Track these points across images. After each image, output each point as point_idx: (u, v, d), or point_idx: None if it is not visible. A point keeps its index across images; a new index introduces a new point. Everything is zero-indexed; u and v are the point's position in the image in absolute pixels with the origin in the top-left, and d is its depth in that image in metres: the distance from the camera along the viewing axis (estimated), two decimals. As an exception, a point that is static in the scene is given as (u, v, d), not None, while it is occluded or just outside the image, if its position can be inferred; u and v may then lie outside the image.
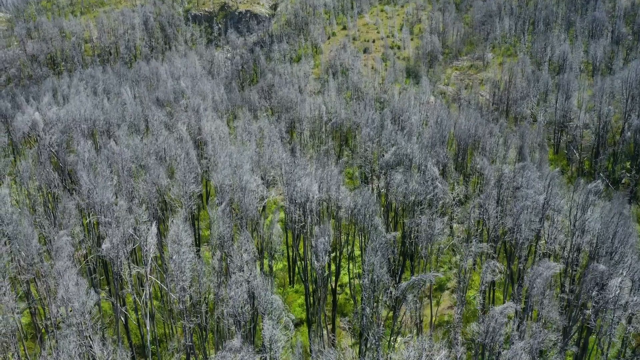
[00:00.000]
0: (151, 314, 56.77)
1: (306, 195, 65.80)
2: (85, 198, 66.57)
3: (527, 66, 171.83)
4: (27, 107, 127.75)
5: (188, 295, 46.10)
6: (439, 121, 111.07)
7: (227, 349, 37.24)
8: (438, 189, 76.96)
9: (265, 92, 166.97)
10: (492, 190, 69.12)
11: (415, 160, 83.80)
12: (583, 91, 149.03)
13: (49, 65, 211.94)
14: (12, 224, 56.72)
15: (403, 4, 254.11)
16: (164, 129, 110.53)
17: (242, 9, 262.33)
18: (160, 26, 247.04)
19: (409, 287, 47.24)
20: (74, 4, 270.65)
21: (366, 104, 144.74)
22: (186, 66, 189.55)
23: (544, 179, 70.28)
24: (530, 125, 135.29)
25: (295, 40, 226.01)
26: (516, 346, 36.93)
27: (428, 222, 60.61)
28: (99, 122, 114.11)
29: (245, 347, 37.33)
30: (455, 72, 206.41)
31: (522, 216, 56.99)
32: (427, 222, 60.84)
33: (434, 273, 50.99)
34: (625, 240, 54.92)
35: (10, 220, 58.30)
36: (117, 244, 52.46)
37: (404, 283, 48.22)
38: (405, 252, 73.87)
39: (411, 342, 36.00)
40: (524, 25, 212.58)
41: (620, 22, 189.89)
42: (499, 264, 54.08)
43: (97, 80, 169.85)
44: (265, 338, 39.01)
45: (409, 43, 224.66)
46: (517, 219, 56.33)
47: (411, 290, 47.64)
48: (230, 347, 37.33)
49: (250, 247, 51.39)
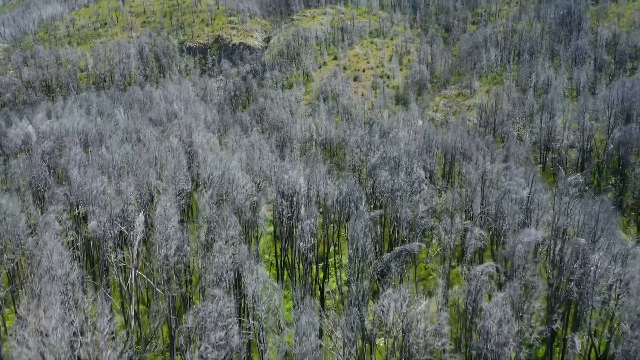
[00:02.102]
0: (137, 298, 56.81)
1: (293, 188, 66.92)
2: (74, 191, 67.23)
3: (512, 91, 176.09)
4: (20, 123, 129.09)
5: (172, 262, 46.48)
6: (426, 135, 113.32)
7: (210, 296, 37.59)
8: (424, 191, 78.32)
9: (257, 114, 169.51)
10: (476, 185, 70.59)
11: (402, 164, 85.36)
12: (568, 113, 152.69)
13: (44, 91, 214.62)
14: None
15: (392, 37, 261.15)
16: (156, 141, 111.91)
17: (235, 41, 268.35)
18: (155, 56, 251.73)
19: (392, 257, 48.06)
20: (71, 35, 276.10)
21: (355, 124, 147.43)
22: (180, 91, 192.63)
23: (527, 175, 71.98)
24: (516, 144, 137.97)
25: (287, 68, 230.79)
26: (497, 297, 37.58)
27: (411, 206, 61.68)
28: (91, 134, 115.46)
29: (227, 296, 37.67)
30: (444, 100, 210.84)
31: (505, 203, 58.27)
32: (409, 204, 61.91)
33: (418, 243, 51.85)
34: (607, 221, 56.21)
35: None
36: (104, 223, 53.00)
37: (388, 254, 49.07)
38: (391, 241, 74.19)
39: (392, 294, 36.61)
40: (509, 55, 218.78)
41: (602, 50, 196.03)
42: (483, 231, 55.18)
43: (91, 102, 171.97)
44: (247, 290, 39.46)
45: (398, 73, 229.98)
46: (499, 204, 57.58)
47: (395, 260, 48.45)
48: (212, 294, 37.67)
49: (236, 225, 52.18)
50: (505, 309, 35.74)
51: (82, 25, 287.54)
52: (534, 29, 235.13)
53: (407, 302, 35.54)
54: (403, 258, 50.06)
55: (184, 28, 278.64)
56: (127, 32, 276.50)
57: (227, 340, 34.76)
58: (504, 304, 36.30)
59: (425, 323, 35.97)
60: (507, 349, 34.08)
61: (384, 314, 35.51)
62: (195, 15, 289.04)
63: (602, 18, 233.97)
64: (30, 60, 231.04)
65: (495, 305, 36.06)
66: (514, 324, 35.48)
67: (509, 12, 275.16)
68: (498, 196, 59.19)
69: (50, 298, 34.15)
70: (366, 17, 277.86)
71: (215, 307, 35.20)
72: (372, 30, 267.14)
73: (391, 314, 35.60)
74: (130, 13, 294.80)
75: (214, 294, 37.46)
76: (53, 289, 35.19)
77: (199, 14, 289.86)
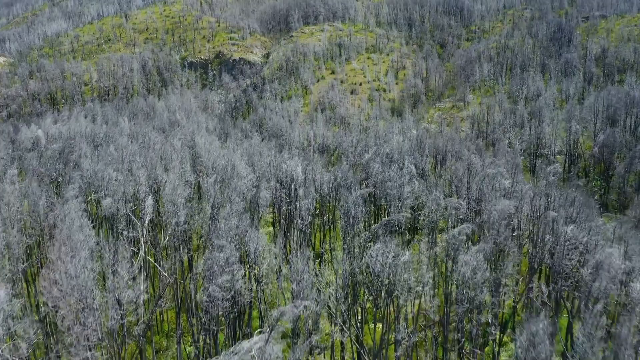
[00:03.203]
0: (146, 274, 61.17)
1: (292, 176, 71.73)
2: (87, 178, 71.94)
3: (504, 102, 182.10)
4: (29, 128, 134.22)
5: (180, 230, 51.07)
6: (419, 137, 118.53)
7: (216, 247, 41.99)
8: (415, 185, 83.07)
9: (257, 124, 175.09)
10: (462, 176, 75.44)
11: (394, 160, 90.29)
12: (557, 123, 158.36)
13: (49, 103, 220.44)
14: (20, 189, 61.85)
15: (388, 53, 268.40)
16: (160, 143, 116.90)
17: (236, 56, 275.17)
18: (158, 70, 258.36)
19: (380, 226, 52.65)
20: (75, 51, 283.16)
21: (352, 132, 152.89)
22: (182, 102, 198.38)
23: (510, 167, 76.99)
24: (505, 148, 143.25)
25: (286, 82, 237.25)
26: (472, 250, 42.17)
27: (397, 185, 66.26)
28: (98, 137, 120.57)
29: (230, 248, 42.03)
30: (438, 112, 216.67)
31: (485, 185, 63.05)
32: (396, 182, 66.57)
33: (403, 214, 56.42)
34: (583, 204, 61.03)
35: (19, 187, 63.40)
36: (118, 200, 57.70)
37: (376, 225, 53.65)
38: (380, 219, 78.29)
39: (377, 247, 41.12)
40: (502, 69, 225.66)
41: (592, 63, 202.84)
42: (462, 202, 59.80)
43: (96, 112, 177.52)
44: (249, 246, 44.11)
45: (394, 86, 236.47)
46: (480, 186, 62.38)
47: (383, 228, 53.08)
48: (218, 245, 42.09)
49: (239, 203, 56.75)
50: (478, 258, 40.28)
51: (86, 41, 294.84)
52: (526, 45, 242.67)
53: (392, 253, 40.13)
54: (390, 227, 54.65)
55: (186, 44, 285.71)
56: (130, 47, 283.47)
57: (232, 283, 39.24)
58: (477, 255, 40.89)
59: (408, 271, 40.50)
60: (481, 292, 38.58)
61: (372, 261, 40.02)
62: (197, 32, 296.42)
63: (591, 34, 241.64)
64: (36, 73, 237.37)
65: (470, 255, 40.68)
66: (485, 271, 40.01)
67: (502, 29, 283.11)
68: (479, 179, 64.03)
69: (77, 244, 38.67)
70: (363, 34, 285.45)
71: (221, 255, 39.71)
72: (369, 46, 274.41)
73: (378, 264, 40.14)
74: (133, 30, 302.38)
75: (221, 243, 41.97)
76: (78, 237, 39.72)
77: (201, 31, 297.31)
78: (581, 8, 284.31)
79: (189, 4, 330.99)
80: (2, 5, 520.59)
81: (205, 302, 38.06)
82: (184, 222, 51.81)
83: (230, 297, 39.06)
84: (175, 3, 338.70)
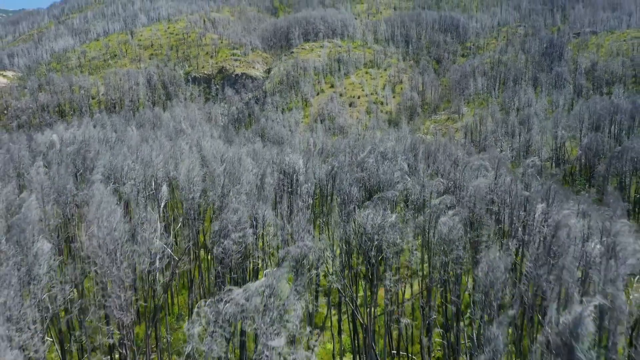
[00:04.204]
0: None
1: (294, 168, 78.52)
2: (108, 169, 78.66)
3: (496, 113, 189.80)
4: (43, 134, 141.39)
5: (196, 203, 57.65)
6: (413, 140, 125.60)
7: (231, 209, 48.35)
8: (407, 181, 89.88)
9: (259, 132, 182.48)
10: (450, 170, 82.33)
11: (388, 157, 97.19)
12: (546, 131, 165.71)
13: (58, 114, 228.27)
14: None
15: (386, 68, 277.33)
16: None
17: (238, 71, 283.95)
18: (163, 84, 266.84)
19: (372, 203, 59.04)
20: (82, 66, 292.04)
21: (350, 139, 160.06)
22: (187, 113, 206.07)
23: (493, 161, 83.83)
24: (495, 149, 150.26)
25: (287, 94, 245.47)
26: (449, 213, 48.70)
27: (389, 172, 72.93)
28: (111, 140, 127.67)
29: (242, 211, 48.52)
30: (434, 124, 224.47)
31: (468, 173, 69.74)
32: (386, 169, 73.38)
33: (393, 191, 62.87)
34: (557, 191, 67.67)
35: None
36: (138, 183, 64.33)
37: (368, 201, 60.04)
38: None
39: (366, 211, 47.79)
40: (495, 83, 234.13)
41: (581, 76, 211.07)
42: (443, 180, 66.24)
43: (104, 122, 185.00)
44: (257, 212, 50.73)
45: (391, 99, 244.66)
46: (463, 173, 69.05)
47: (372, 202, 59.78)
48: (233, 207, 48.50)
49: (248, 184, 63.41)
50: (454, 220, 46.81)
51: (93, 57, 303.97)
52: (519, 60, 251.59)
53: (381, 215, 46.67)
54: (381, 205, 60.99)
55: (190, 60, 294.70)
56: (135, 63, 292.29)
57: (244, 238, 45.67)
58: (454, 217, 47.47)
59: (394, 231, 47.02)
60: (457, 246, 45.09)
61: (364, 222, 46.51)
62: (200, 48, 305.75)
63: (582, 49, 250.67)
64: (45, 86, 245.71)
65: (447, 217, 47.32)
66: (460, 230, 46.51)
67: (496, 46, 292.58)
68: (461, 167, 70.76)
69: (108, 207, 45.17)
70: (361, 50, 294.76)
71: (235, 215, 46.22)
72: (367, 61, 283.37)
73: (369, 224, 46.61)
74: (138, 46, 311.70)
75: (235, 207, 48.44)
76: (109, 205, 46.22)
77: (204, 47, 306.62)
78: (573, 25, 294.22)
79: (193, 22, 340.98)
80: (8, 23, 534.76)
81: (220, 253, 44.44)
82: (199, 197, 58.47)
83: (242, 251, 45.54)
84: (179, 21, 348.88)
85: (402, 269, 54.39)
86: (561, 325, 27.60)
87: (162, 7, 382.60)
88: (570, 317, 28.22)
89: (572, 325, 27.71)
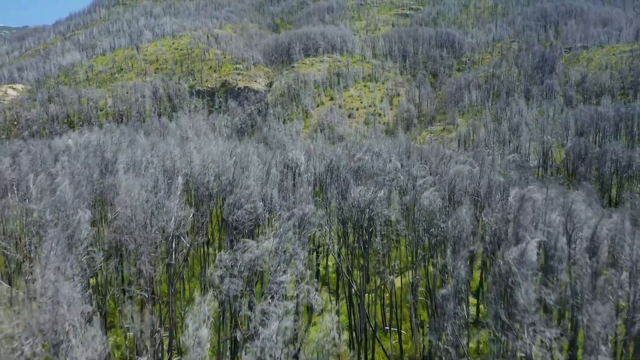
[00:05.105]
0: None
1: (296, 162, 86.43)
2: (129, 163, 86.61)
3: (489, 122, 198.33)
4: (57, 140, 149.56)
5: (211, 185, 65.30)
6: (407, 144, 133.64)
7: (244, 186, 55.98)
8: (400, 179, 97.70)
9: (262, 140, 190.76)
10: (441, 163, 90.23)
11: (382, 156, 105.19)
12: (536, 138, 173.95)
13: (67, 125, 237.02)
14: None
15: (384, 81, 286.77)
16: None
17: (240, 85, 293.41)
18: (168, 97, 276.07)
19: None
20: (90, 79, 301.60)
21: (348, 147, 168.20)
22: (192, 123, 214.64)
23: (479, 159, 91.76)
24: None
25: (288, 106, 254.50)
26: (430, 189, 56.56)
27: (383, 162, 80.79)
28: (123, 144, 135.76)
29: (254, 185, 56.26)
30: (430, 135, 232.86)
31: (455, 166, 77.63)
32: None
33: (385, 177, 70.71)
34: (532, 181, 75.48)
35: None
36: (156, 173, 72.18)
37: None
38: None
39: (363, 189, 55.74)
40: (488, 95, 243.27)
41: (571, 88, 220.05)
42: (427, 166, 74.08)
43: (113, 131, 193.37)
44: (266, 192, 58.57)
45: (389, 111, 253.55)
46: (448, 165, 76.87)
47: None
48: (246, 185, 56.11)
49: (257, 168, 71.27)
50: (434, 196, 54.50)
51: (100, 71, 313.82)
52: (512, 73, 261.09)
53: (371, 191, 54.35)
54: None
55: (194, 74, 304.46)
56: (141, 76, 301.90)
57: (255, 210, 53.27)
58: (434, 193, 55.21)
59: (381, 204, 54.69)
60: (437, 216, 52.79)
61: (357, 197, 54.15)
62: (204, 63, 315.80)
63: (573, 63, 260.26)
64: (55, 98, 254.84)
65: (429, 192, 55.14)
66: (440, 203, 54.25)
67: (491, 60, 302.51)
68: (446, 160, 78.58)
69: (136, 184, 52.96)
70: (360, 64, 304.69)
71: (247, 191, 53.89)
72: (366, 75, 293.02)
73: (361, 199, 54.25)
74: (144, 60, 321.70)
75: (247, 184, 56.05)
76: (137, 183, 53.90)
77: (208, 62, 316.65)
78: (565, 40, 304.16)
79: (197, 38, 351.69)
80: (14, 39, 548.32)
81: (235, 221, 52.04)
82: (213, 180, 66.26)
83: (253, 219, 53.22)
84: (184, 37, 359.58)
85: (391, 237, 62.10)
86: (509, 255, 35.14)
87: (166, 23, 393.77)
88: (518, 249, 35.86)
89: (518, 255, 35.30)
